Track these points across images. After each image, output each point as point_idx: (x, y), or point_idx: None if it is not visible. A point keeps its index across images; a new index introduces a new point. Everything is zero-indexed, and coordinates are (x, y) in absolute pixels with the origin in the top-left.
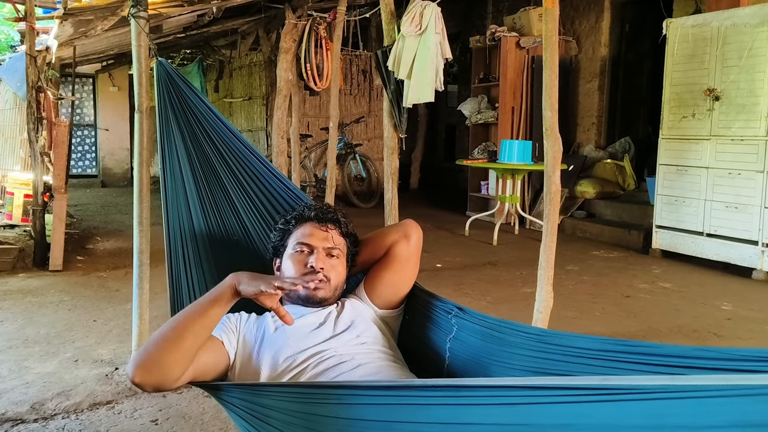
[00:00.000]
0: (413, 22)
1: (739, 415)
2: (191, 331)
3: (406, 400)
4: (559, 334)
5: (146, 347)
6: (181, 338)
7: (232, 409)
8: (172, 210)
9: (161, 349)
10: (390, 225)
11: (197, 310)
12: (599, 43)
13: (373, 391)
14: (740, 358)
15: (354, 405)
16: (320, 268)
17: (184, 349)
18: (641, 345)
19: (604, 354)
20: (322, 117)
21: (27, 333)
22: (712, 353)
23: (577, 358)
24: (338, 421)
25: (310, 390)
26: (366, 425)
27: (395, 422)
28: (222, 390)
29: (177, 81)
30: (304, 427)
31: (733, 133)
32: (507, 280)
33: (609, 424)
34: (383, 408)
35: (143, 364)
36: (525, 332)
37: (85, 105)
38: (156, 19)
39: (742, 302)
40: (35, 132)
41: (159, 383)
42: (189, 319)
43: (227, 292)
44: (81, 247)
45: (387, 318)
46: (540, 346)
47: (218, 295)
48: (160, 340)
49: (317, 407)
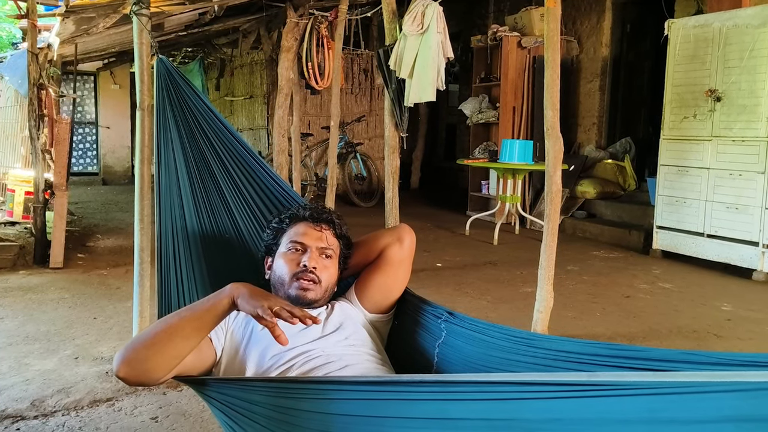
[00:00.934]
0: (415, 22)
1: (730, 410)
2: (183, 337)
3: (392, 396)
4: (548, 338)
5: (135, 344)
6: (171, 341)
7: (215, 404)
8: (165, 206)
9: (149, 349)
10: (383, 229)
11: (192, 315)
12: (600, 43)
13: (359, 386)
14: (728, 362)
15: (338, 400)
16: (313, 267)
17: (172, 353)
18: (629, 349)
19: (593, 358)
20: (323, 116)
21: (27, 330)
22: (700, 357)
23: (565, 362)
24: (322, 416)
25: (294, 385)
26: (351, 420)
27: (381, 417)
28: (205, 385)
29: (176, 78)
30: (288, 422)
31: (734, 134)
32: (507, 280)
33: (597, 418)
34: (368, 403)
35: (129, 361)
36: (514, 336)
37: (87, 103)
38: (157, 17)
39: (742, 303)
40: (36, 129)
41: (143, 381)
42: (182, 323)
43: (225, 302)
44: (82, 244)
45: (376, 323)
46: (528, 350)
47: (215, 303)
48: (150, 339)
49: (301, 402)
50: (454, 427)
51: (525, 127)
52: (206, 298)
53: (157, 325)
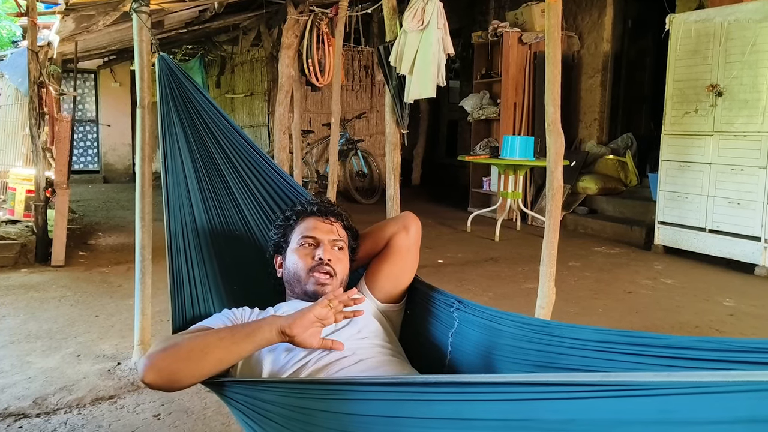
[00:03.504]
0: (415, 18)
1: (744, 411)
2: (217, 359)
3: (408, 396)
4: (561, 325)
5: (167, 353)
6: (204, 359)
7: (234, 404)
8: (174, 204)
9: (182, 362)
10: (389, 218)
11: (231, 338)
12: (601, 39)
13: (376, 387)
14: (740, 348)
15: (356, 401)
16: (328, 259)
17: (203, 371)
18: (643, 336)
19: (607, 345)
20: (324, 113)
21: (29, 328)
22: (712, 344)
23: (579, 350)
24: (340, 416)
25: (311, 386)
26: (368, 420)
27: (398, 417)
28: (223, 386)
29: (179, 76)
30: (305, 422)
31: (736, 129)
32: (509, 276)
33: (612, 419)
34: (385, 404)
35: (159, 369)
36: (527, 324)
37: (87, 101)
38: (157, 15)
39: (744, 298)
40: (37, 127)
41: (168, 388)
42: (221, 344)
43: (266, 334)
44: (83, 242)
45: (389, 312)
46: (542, 338)
47: (255, 330)
48: (185, 353)
49: (318, 402)
50: (470, 427)
51: (526, 123)
52: (248, 326)
53: (194, 339)
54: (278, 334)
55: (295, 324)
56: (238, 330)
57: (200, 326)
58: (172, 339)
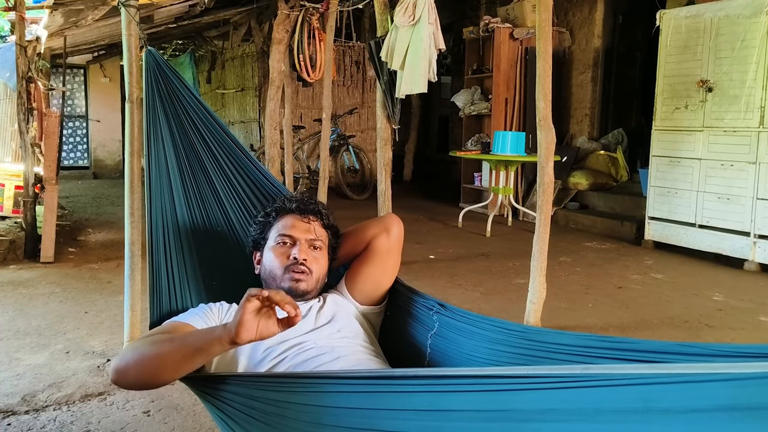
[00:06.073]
0: (406, 13)
1: (725, 399)
2: (173, 370)
3: (384, 389)
4: (542, 331)
5: (126, 358)
6: (162, 371)
7: (208, 399)
8: (155, 198)
9: (140, 374)
10: (371, 219)
11: (182, 348)
12: (592, 35)
13: (351, 380)
14: (723, 353)
15: (331, 393)
16: (303, 259)
17: (161, 380)
18: (623, 341)
19: (587, 350)
20: (315, 108)
21: (18, 325)
22: (695, 349)
23: (559, 354)
24: (314, 408)
25: (287, 379)
26: (343, 413)
27: (373, 410)
28: (197, 380)
29: (165, 70)
30: (280, 415)
31: (726, 124)
32: (500, 272)
33: (593, 408)
34: (361, 396)
35: (122, 373)
36: (507, 329)
37: (77, 96)
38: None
39: (733, 293)
40: (26, 123)
41: (135, 389)
42: (173, 354)
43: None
44: (72, 239)
45: (368, 314)
46: (522, 342)
47: (210, 351)
48: (139, 360)
49: (293, 395)
50: (447, 418)
51: (517, 118)
52: (201, 333)
53: (148, 348)
54: (231, 344)
55: (239, 331)
56: (190, 343)
57: (174, 321)
58: (133, 347)
